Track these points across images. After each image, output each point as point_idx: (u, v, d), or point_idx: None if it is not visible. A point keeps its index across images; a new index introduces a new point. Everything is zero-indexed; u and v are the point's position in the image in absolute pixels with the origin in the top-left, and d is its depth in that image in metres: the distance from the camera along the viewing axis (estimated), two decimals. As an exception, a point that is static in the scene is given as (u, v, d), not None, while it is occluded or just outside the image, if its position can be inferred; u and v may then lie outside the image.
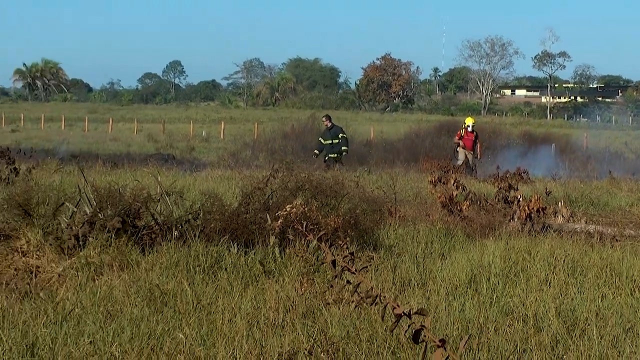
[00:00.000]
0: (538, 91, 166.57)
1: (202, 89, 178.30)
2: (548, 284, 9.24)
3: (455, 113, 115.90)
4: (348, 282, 4.06)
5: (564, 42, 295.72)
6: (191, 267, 9.27)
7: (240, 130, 61.64)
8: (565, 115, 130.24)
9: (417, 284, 9.16)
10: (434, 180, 15.27)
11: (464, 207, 14.00)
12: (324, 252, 4.09)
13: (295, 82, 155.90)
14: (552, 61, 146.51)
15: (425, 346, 3.63)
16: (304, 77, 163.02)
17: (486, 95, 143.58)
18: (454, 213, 13.82)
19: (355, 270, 3.96)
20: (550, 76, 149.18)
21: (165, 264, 9.33)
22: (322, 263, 9.34)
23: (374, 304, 3.82)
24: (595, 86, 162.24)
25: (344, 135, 26.98)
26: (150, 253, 9.83)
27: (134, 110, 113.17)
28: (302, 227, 4.75)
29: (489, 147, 37.18)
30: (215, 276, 9.12)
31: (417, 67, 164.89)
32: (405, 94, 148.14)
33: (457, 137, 28.96)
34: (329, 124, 26.95)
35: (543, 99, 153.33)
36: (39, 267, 9.50)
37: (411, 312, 3.61)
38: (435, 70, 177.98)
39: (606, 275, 9.58)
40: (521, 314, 7.88)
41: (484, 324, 7.44)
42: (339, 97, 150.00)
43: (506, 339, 7.06)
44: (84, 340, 6.73)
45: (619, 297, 8.79)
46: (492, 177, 17.82)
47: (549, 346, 6.95)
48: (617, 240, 12.44)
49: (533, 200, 13.59)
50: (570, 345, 6.94)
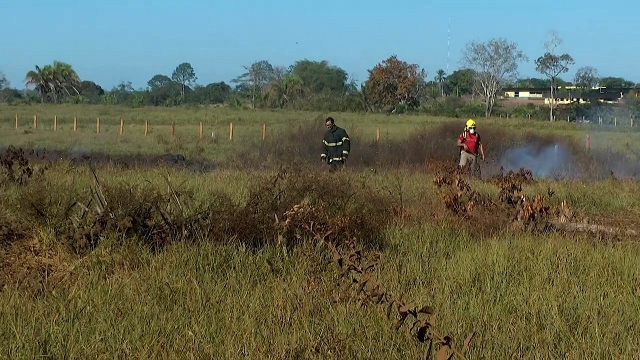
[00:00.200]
0: (541, 93, 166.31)
1: (211, 91, 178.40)
2: (551, 282, 9.23)
3: (459, 115, 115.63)
4: (354, 280, 4.05)
5: (567, 45, 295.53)
6: (200, 265, 9.28)
7: (249, 131, 61.64)
8: (568, 117, 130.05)
9: (422, 283, 9.15)
10: (438, 180, 15.25)
11: (468, 207, 13.99)
12: (331, 251, 4.09)
13: (303, 85, 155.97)
14: (555, 64, 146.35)
15: (430, 344, 3.62)
16: (311, 79, 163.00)
17: (490, 97, 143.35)
18: (458, 213, 13.80)
19: (362, 269, 3.96)
20: (553, 78, 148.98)
21: (175, 263, 9.34)
22: (329, 262, 9.36)
23: (380, 302, 3.81)
24: (597, 88, 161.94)
25: (347, 139, 26.58)
26: (160, 252, 9.84)
27: (145, 112, 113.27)
28: (309, 227, 4.74)
29: (493, 148, 37.13)
30: (224, 275, 9.13)
31: (422, 70, 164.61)
32: (410, 96, 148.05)
33: (460, 141, 28.71)
34: (332, 126, 26.66)
35: (546, 101, 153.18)
36: (52, 265, 9.51)
37: (416, 310, 3.61)
38: (440, 72, 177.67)
39: (608, 274, 9.57)
40: (524, 312, 7.87)
41: (488, 322, 7.43)
42: (345, 99, 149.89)
43: (510, 337, 7.05)
44: (95, 338, 6.74)
45: (620, 295, 8.78)
46: (496, 178, 17.75)
47: (552, 344, 6.94)
48: (618, 239, 12.41)
49: (536, 200, 13.57)
50: (572, 343, 6.93)
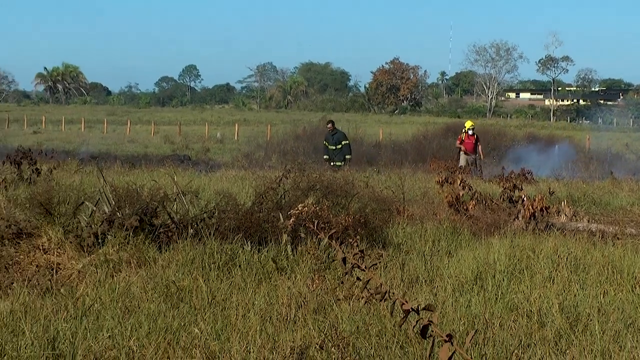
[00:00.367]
0: (542, 94, 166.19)
1: (217, 92, 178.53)
2: (552, 280, 9.22)
3: (461, 115, 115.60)
4: (358, 278, 4.05)
5: (567, 46, 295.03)
6: (206, 264, 9.28)
7: (254, 132, 61.65)
8: (568, 118, 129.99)
9: (425, 281, 9.15)
10: (441, 180, 15.25)
11: (470, 206, 13.99)
12: (335, 249, 4.08)
13: (307, 86, 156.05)
14: (556, 65, 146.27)
15: (433, 341, 3.62)
16: (315, 80, 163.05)
17: (491, 98, 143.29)
18: (460, 212, 13.80)
19: (365, 267, 3.96)
20: (553, 80, 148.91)
21: (181, 261, 9.34)
22: (333, 260, 9.35)
23: (383, 300, 3.81)
24: (597, 89, 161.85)
25: (347, 142, 26.17)
26: (166, 250, 9.84)
27: (151, 113, 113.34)
28: (313, 226, 4.75)
29: (494, 148, 37.10)
30: (229, 273, 9.13)
31: (425, 71, 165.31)
32: (413, 97, 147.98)
33: (459, 142, 28.53)
34: (332, 129, 26.29)
35: (546, 102, 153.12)
36: (60, 264, 9.52)
37: (419, 308, 3.61)
38: (442, 74, 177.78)
39: (608, 273, 9.56)
40: (525, 309, 7.87)
41: (490, 320, 7.43)
42: (349, 100, 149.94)
43: (511, 334, 7.05)
44: (103, 335, 6.74)
45: (620, 293, 8.77)
46: (497, 178, 17.74)
47: (553, 341, 6.94)
48: (618, 238, 12.40)
49: (537, 199, 13.56)
50: (573, 340, 6.92)
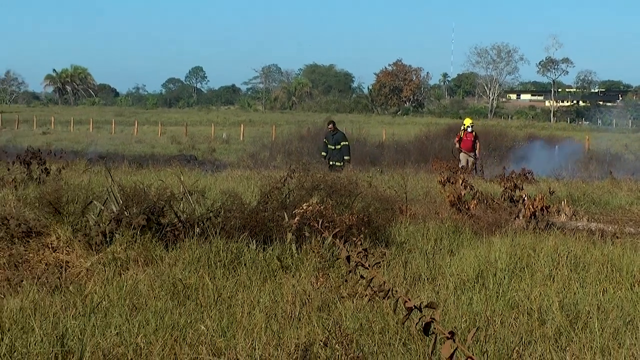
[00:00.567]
0: (542, 96, 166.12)
1: (223, 94, 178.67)
2: (552, 279, 9.21)
3: (463, 116, 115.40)
4: (362, 277, 4.05)
5: (567, 48, 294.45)
6: (212, 262, 9.28)
7: (259, 132, 61.62)
8: (568, 119, 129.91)
9: (427, 279, 9.14)
10: (443, 180, 15.24)
11: (472, 205, 13.97)
12: (339, 248, 4.08)
13: (311, 87, 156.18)
14: (556, 67, 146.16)
15: (435, 338, 3.62)
16: (320, 82, 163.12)
17: (493, 99, 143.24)
18: (462, 211, 13.79)
19: (369, 265, 3.95)
20: (553, 81, 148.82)
21: (188, 259, 9.34)
22: (337, 259, 9.35)
23: (386, 298, 3.81)
24: (596, 91, 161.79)
25: (346, 144, 25.54)
26: (173, 249, 9.84)
27: (158, 114, 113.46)
28: (317, 225, 4.73)
29: (495, 149, 37.08)
30: (235, 271, 9.13)
31: (427, 73, 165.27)
32: (415, 98, 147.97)
33: (457, 139, 28.31)
34: (333, 129, 25.74)
35: (547, 103, 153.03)
36: (69, 262, 9.53)
37: (422, 305, 3.60)
38: (445, 75, 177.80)
39: (607, 271, 9.55)
40: (526, 307, 7.86)
41: (491, 317, 7.42)
42: (352, 101, 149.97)
43: (512, 332, 7.04)
44: (110, 332, 6.74)
45: (619, 291, 8.75)
46: (499, 177, 17.73)
47: (553, 338, 6.93)
48: (617, 237, 12.38)
49: (537, 199, 13.55)
50: (573, 338, 6.92)
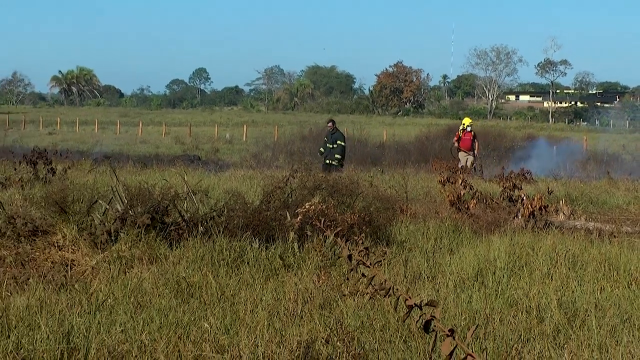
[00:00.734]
0: (541, 97, 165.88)
1: (226, 95, 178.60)
2: (550, 277, 9.21)
3: (462, 117, 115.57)
4: (363, 275, 4.05)
5: (565, 50, 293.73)
6: (216, 260, 9.28)
7: (262, 133, 61.65)
8: (566, 120, 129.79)
9: (427, 277, 9.14)
10: (442, 180, 15.23)
11: (471, 205, 13.97)
12: (340, 247, 4.08)
13: (313, 88, 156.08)
14: (554, 69, 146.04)
15: (435, 335, 3.62)
16: (321, 83, 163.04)
17: (492, 100, 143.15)
18: (461, 211, 13.79)
19: (370, 264, 3.95)
20: (552, 83, 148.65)
21: (192, 258, 9.34)
22: (339, 257, 9.34)
23: (387, 296, 3.81)
24: (594, 92, 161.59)
25: (342, 144, 25.14)
26: (177, 248, 9.85)
27: (162, 115, 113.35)
28: (319, 224, 4.74)
29: (494, 149, 37.07)
30: (238, 269, 9.13)
31: (427, 74, 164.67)
32: (416, 99, 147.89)
33: (456, 139, 28.20)
34: (332, 128, 25.39)
35: (545, 104, 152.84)
36: (74, 260, 9.53)
37: (422, 303, 3.60)
38: (444, 77, 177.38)
39: (605, 269, 9.55)
40: (525, 305, 7.86)
41: (490, 315, 7.42)
42: (353, 102, 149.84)
43: (511, 329, 7.04)
44: (115, 329, 6.75)
45: (616, 289, 8.75)
46: (498, 177, 17.72)
47: (551, 336, 6.93)
48: (614, 236, 12.38)
49: (536, 199, 13.55)
50: (571, 335, 6.91)
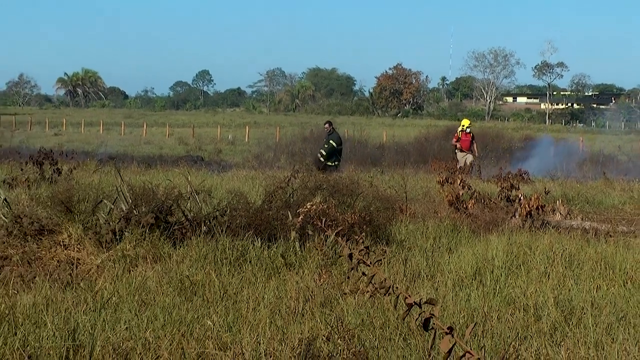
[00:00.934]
0: (538, 98, 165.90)
1: (229, 96, 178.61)
2: (547, 276, 9.20)
3: (461, 119, 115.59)
4: (363, 273, 4.05)
5: (562, 53, 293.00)
6: (218, 259, 9.28)
7: (264, 134, 61.64)
8: (563, 121, 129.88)
9: (427, 276, 9.14)
10: (441, 180, 15.24)
11: (470, 205, 13.97)
12: (341, 246, 4.08)
13: (314, 90, 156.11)
14: (551, 71, 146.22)
15: (434, 333, 3.62)
16: (322, 85, 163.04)
17: (490, 102, 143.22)
18: (460, 210, 13.79)
19: (370, 263, 3.95)
20: (549, 85, 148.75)
21: (195, 257, 9.34)
22: (339, 256, 9.34)
23: (387, 294, 3.81)
24: (590, 94, 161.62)
25: (332, 144, 24.84)
26: (181, 247, 9.85)
27: (166, 116, 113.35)
28: (320, 223, 4.74)
29: (492, 150, 37.08)
30: (240, 268, 9.13)
31: (426, 76, 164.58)
32: (415, 101, 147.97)
33: (455, 140, 28.20)
34: (329, 128, 25.39)
35: (542, 106, 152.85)
36: (80, 259, 9.53)
37: (421, 301, 3.60)
38: (443, 79, 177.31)
39: (601, 268, 9.54)
40: (522, 303, 7.86)
41: (488, 313, 7.42)
42: (354, 104, 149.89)
43: (508, 327, 7.04)
44: (120, 327, 6.75)
45: (612, 288, 8.75)
46: (495, 177, 17.72)
47: (548, 333, 6.93)
48: (610, 235, 12.38)
49: (533, 198, 13.55)
50: (567, 333, 6.91)
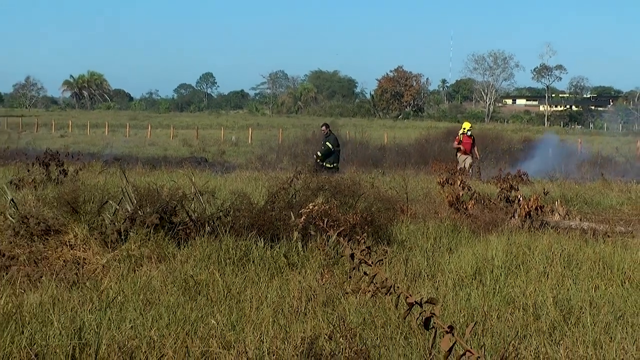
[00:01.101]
0: (536, 101, 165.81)
1: (232, 98, 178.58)
2: (546, 275, 9.20)
3: (461, 120, 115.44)
4: (365, 273, 4.05)
5: (561, 56, 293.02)
6: (222, 259, 9.28)
7: (267, 135, 61.60)
8: (561, 123, 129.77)
9: (427, 276, 9.14)
10: (442, 181, 15.23)
11: (470, 205, 13.97)
12: (343, 246, 4.08)
13: (316, 92, 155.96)
14: (550, 73, 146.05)
15: (435, 332, 3.62)
16: (324, 87, 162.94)
17: (489, 104, 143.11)
18: (460, 211, 13.78)
19: (371, 262, 3.95)
20: (547, 87, 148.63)
21: (199, 257, 9.35)
22: (341, 256, 9.31)
23: (388, 294, 3.81)
24: (588, 96, 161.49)
25: (329, 146, 24.61)
26: (185, 247, 9.85)
27: (171, 118, 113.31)
28: (322, 224, 4.74)
29: (492, 151, 37.07)
30: (244, 268, 9.13)
31: (427, 79, 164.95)
32: (415, 103, 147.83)
33: (456, 142, 28.21)
34: (326, 131, 25.29)
35: (541, 108, 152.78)
36: (85, 259, 9.54)
37: (422, 301, 3.60)
38: (443, 81, 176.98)
39: (599, 268, 9.54)
40: (521, 303, 7.85)
41: (488, 312, 7.41)
42: (355, 106, 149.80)
43: (508, 326, 7.04)
44: (125, 325, 6.75)
45: (610, 287, 8.75)
46: (495, 179, 17.71)
47: (547, 332, 6.93)
48: (608, 236, 12.37)
49: (532, 199, 13.54)
50: (566, 332, 6.91)
